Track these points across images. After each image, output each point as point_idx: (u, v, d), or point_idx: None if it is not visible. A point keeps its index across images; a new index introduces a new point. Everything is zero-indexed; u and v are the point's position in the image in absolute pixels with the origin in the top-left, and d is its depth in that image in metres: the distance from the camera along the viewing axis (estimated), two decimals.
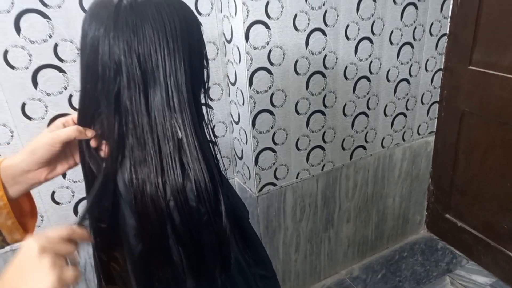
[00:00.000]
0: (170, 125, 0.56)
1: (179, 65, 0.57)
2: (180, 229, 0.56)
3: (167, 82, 0.56)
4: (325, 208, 1.68)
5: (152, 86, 0.56)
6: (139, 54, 0.55)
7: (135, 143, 0.56)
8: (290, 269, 1.71)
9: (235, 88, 1.37)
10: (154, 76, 0.56)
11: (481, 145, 1.70)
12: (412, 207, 2.00)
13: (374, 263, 1.93)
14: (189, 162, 0.56)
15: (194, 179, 0.56)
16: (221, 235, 0.60)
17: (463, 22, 1.61)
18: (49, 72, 1.13)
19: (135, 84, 0.55)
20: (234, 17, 1.23)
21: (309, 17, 1.30)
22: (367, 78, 1.54)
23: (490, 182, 1.71)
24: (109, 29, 0.54)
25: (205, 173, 0.57)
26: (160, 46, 0.55)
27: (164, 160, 0.56)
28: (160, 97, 0.56)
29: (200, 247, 0.59)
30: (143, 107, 0.56)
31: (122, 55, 0.54)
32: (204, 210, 0.57)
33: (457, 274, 1.82)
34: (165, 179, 0.55)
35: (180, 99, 0.57)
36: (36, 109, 1.15)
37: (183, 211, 0.56)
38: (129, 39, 0.54)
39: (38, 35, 1.09)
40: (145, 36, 0.55)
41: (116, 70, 0.55)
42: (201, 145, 0.58)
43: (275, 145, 1.42)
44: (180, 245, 0.57)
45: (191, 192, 0.56)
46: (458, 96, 1.72)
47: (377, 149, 1.72)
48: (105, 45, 0.54)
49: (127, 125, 0.56)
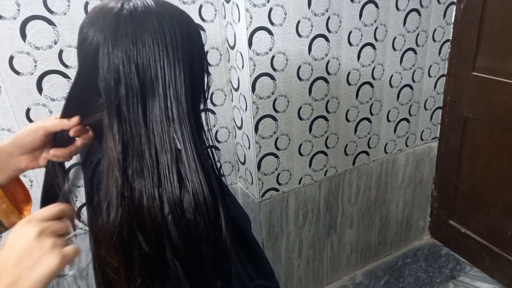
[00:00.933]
0: (168, 136, 0.55)
1: (179, 76, 0.56)
2: (177, 242, 0.56)
3: (166, 92, 0.56)
4: (328, 214, 1.68)
5: (150, 96, 0.55)
6: (137, 64, 0.54)
7: (133, 153, 0.56)
8: (293, 274, 1.70)
9: (238, 94, 1.38)
10: (153, 86, 0.55)
11: (485, 150, 1.69)
12: (415, 212, 1.99)
13: (377, 269, 1.92)
14: (187, 174, 0.55)
15: (193, 191, 0.55)
16: (221, 249, 0.59)
17: (466, 28, 1.61)
18: (54, 78, 1.15)
19: (133, 95, 0.55)
20: (238, 24, 1.24)
21: (312, 23, 1.30)
22: (370, 84, 1.54)
23: (494, 188, 1.70)
24: (109, 38, 0.54)
25: (204, 185, 0.56)
26: (159, 56, 0.55)
27: (161, 172, 0.55)
28: (159, 108, 0.55)
29: (199, 260, 0.58)
30: (141, 117, 0.55)
31: (120, 64, 0.54)
32: (203, 223, 0.56)
33: (461, 280, 1.81)
34: (162, 191, 0.55)
35: (179, 110, 0.56)
36: (41, 114, 1.17)
37: (180, 224, 0.55)
38: (128, 49, 0.54)
39: (43, 41, 1.10)
40: (145, 46, 0.54)
41: (116, 79, 0.55)
42: (200, 156, 0.57)
43: (277, 150, 1.43)
44: (176, 258, 0.57)
45: (189, 204, 0.55)
46: (462, 102, 1.72)
47: (380, 154, 1.72)
48: (105, 54, 0.54)
49: (126, 135, 0.56)
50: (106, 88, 0.55)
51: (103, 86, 0.55)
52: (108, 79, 0.55)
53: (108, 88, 0.55)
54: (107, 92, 0.55)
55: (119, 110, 0.55)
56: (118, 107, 0.55)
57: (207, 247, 0.58)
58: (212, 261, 0.59)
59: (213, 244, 0.58)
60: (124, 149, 0.56)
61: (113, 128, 0.55)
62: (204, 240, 0.57)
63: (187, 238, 0.56)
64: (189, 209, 0.55)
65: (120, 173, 0.55)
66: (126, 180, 0.55)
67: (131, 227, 0.55)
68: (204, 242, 0.57)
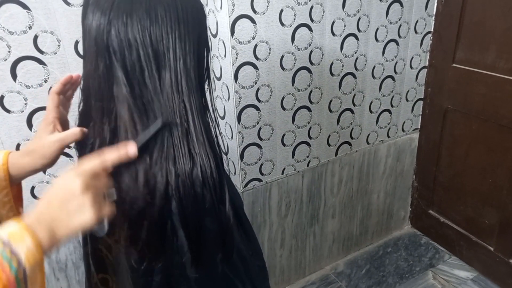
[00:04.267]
0: (179, 109, 0.56)
1: (189, 50, 0.57)
2: (184, 214, 0.57)
3: (176, 65, 0.56)
4: (310, 204, 1.69)
5: (163, 67, 0.56)
6: (151, 35, 0.54)
7: (146, 125, 0.56)
8: (275, 264, 1.71)
9: (220, 83, 1.36)
10: (164, 58, 0.56)
11: (464, 141, 1.73)
12: (396, 203, 2.02)
13: (359, 259, 1.94)
14: (195, 147, 0.56)
15: (200, 164, 0.56)
16: (224, 222, 0.60)
17: (447, 20, 1.63)
18: (28, 64, 1.11)
19: (148, 64, 0.55)
20: (220, 11, 1.22)
21: (295, 12, 1.29)
22: (352, 74, 1.54)
23: (472, 178, 1.74)
24: (123, 9, 0.54)
25: (211, 159, 0.57)
26: (171, 28, 0.55)
27: (173, 145, 0.56)
28: (169, 79, 0.56)
29: (203, 233, 0.59)
30: (154, 88, 0.55)
31: (136, 34, 0.54)
32: (209, 196, 0.57)
33: (440, 269, 1.85)
34: (175, 163, 0.55)
35: (188, 84, 0.57)
36: (15, 102, 1.13)
37: (188, 196, 0.56)
38: (142, 18, 0.54)
39: (17, 26, 1.06)
40: (157, 18, 0.55)
41: (132, 49, 0.54)
42: (207, 131, 0.58)
43: (260, 140, 1.42)
44: (182, 229, 0.57)
45: (196, 178, 0.56)
46: (442, 93, 1.75)
47: (362, 145, 1.73)
48: (120, 24, 0.54)
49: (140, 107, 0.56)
50: (121, 60, 0.55)
51: (119, 58, 0.55)
52: (123, 50, 0.54)
53: (123, 59, 0.55)
54: (123, 63, 0.55)
55: (135, 81, 0.55)
56: (133, 76, 0.55)
57: (211, 220, 0.58)
58: (214, 235, 0.60)
59: (217, 217, 0.59)
60: (136, 119, 0.56)
61: (129, 102, 0.55)
62: (208, 213, 0.58)
63: (193, 210, 0.57)
64: (196, 182, 0.56)
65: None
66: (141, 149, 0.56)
67: (143, 198, 0.56)
68: (208, 215, 0.58)
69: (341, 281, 1.82)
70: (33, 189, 1.24)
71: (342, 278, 1.83)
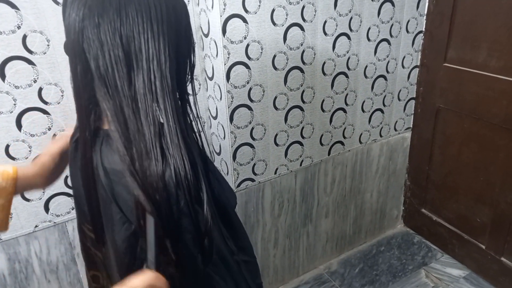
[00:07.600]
0: (152, 110, 0.55)
1: (163, 50, 0.56)
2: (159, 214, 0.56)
3: (149, 66, 0.55)
4: (304, 204, 1.69)
5: (135, 69, 0.55)
6: (121, 35, 0.54)
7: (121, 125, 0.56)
8: (269, 264, 1.71)
9: (212, 83, 1.36)
10: (137, 59, 0.55)
11: (456, 140, 1.74)
12: (389, 202, 2.03)
13: (352, 258, 1.95)
14: (169, 148, 0.56)
15: (174, 166, 0.56)
16: (201, 224, 0.59)
17: (439, 20, 1.64)
18: (17, 64, 1.10)
19: (118, 66, 0.54)
20: (211, 11, 1.21)
21: (287, 12, 1.29)
22: (345, 74, 1.55)
23: (464, 177, 1.75)
24: (94, 9, 0.54)
25: (186, 161, 0.56)
26: (143, 28, 0.55)
27: (147, 144, 0.55)
28: (142, 81, 0.55)
29: (180, 235, 0.59)
30: (127, 89, 0.55)
31: (107, 35, 0.54)
32: (183, 197, 0.57)
33: (432, 267, 1.86)
34: (147, 163, 0.55)
35: (163, 84, 0.56)
36: (4, 102, 1.11)
37: (161, 197, 0.55)
38: (112, 19, 0.54)
39: (6, 26, 1.05)
40: (128, 18, 0.54)
41: (103, 51, 0.54)
42: (183, 132, 0.57)
43: (253, 140, 1.42)
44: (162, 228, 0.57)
45: (170, 178, 0.56)
46: (434, 93, 1.76)
47: (355, 144, 1.74)
48: (91, 26, 0.54)
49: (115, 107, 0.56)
50: (95, 60, 0.55)
51: (92, 58, 0.55)
52: (95, 51, 0.54)
53: (97, 60, 0.54)
54: (96, 64, 0.55)
55: (108, 82, 0.55)
56: (106, 78, 0.55)
57: (187, 221, 0.58)
58: (192, 236, 0.60)
59: (194, 219, 0.58)
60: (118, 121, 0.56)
61: (105, 103, 0.56)
62: (184, 214, 0.58)
63: (167, 210, 0.56)
64: (170, 183, 0.56)
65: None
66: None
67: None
68: (184, 216, 0.58)
69: (334, 280, 1.82)
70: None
71: (336, 277, 1.83)
